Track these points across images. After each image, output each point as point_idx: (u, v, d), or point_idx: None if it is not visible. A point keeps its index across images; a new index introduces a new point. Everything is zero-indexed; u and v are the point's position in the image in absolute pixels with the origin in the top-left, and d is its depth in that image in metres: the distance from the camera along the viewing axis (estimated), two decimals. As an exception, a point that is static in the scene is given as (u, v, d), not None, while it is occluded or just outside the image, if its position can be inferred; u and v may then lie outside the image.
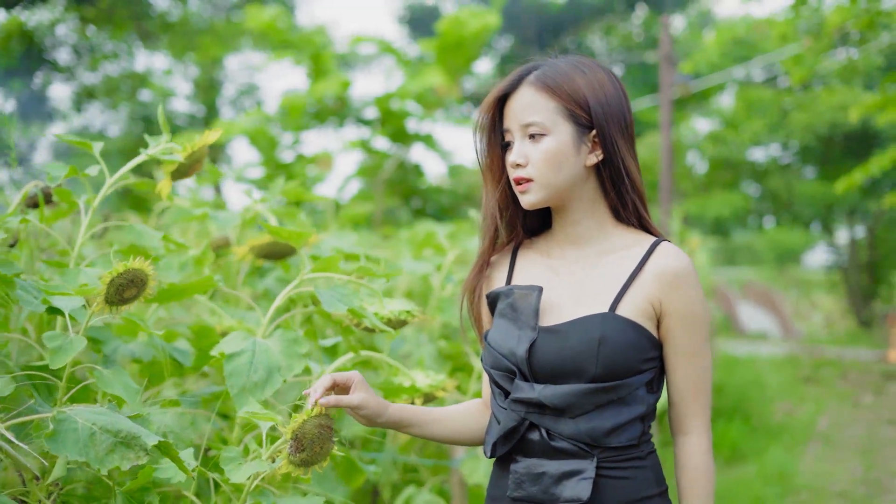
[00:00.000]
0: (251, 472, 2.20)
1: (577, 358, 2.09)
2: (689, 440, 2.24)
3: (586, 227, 2.27)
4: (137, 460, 1.95)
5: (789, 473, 7.90)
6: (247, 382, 2.47)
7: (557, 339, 2.12)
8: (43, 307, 2.45)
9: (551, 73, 2.23)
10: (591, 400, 2.10)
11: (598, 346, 2.09)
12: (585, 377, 2.09)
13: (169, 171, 2.89)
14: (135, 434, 1.94)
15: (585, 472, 2.09)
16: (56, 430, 1.90)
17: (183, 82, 24.01)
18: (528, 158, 2.20)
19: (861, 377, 14.37)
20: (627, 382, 2.12)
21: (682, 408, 2.24)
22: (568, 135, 2.20)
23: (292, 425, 2.15)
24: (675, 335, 2.19)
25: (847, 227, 25.51)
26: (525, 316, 2.17)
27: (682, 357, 2.21)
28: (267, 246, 3.73)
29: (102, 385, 2.32)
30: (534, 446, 2.15)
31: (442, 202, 14.34)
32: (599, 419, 2.10)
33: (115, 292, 2.31)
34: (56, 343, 2.31)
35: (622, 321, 2.14)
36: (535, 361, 2.14)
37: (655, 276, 2.18)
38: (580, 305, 2.18)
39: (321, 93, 13.34)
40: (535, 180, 2.20)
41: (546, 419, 2.12)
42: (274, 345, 2.59)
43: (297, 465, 2.17)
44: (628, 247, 2.25)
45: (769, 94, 21.59)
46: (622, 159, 2.25)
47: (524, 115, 2.21)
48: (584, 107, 2.21)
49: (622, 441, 2.13)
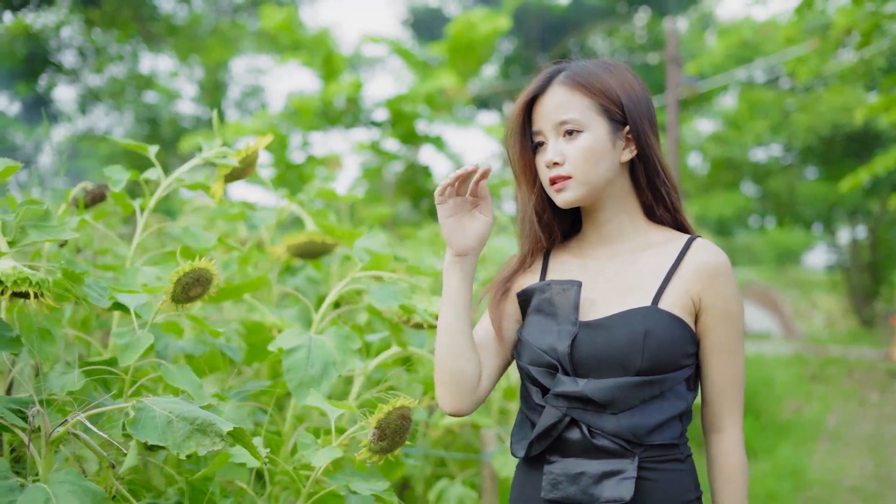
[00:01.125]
0: (328, 457, 2.30)
1: (621, 351, 2.07)
2: (725, 437, 2.21)
3: (619, 224, 2.26)
4: (213, 446, 2.03)
5: (801, 469, 8.00)
6: (304, 376, 2.58)
7: (600, 334, 2.10)
8: (108, 303, 2.55)
9: (581, 72, 2.22)
10: (635, 394, 2.07)
11: (644, 338, 2.07)
12: (630, 370, 2.07)
13: (223, 174, 2.99)
14: (210, 421, 2.03)
15: (626, 471, 2.05)
16: (136, 418, 1.99)
17: (188, 84, 24.10)
18: (565, 156, 2.17)
19: (866, 375, 14.49)
20: (670, 377, 2.10)
21: (717, 405, 2.21)
22: (603, 130, 2.18)
23: (378, 415, 2.26)
24: (713, 331, 2.17)
25: (849, 227, 25.61)
26: (564, 311, 2.14)
27: (718, 353, 2.18)
28: (303, 245, 3.83)
29: (168, 379, 2.42)
30: (572, 445, 2.10)
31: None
32: (642, 415, 2.07)
33: (182, 290, 2.42)
34: (125, 340, 2.41)
35: (665, 315, 2.11)
36: (577, 356, 2.10)
37: (694, 271, 2.16)
38: (620, 300, 2.15)
39: (334, 94, 13.45)
40: (573, 177, 2.17)
41: (588, 415, 2.08)
42: (328, 340, 2.69)
43: (377, 452, 2.29)
44: (663, 243, 2.24)
45: (771, 96, 21.69)
46: (656, 154, 2.25)
47: (558, 113, 2.19)
48: (617, 103, 2.21)
49: (664, 439, 2.09)
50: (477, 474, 4.42)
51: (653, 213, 2.29)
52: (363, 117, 14.51)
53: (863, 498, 7.26)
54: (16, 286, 2.17)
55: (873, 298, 24.02)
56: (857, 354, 17.16)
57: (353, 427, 2.32)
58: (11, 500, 1.86)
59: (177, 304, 2.44)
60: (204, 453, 2.03)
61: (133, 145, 3.03)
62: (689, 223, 2.31)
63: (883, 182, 19.82)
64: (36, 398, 2.13)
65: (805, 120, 20.47)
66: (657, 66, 22.48)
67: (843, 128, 19.89)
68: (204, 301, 2.53)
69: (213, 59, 21.77)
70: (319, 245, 3.83)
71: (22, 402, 2.24)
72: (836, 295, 27.52)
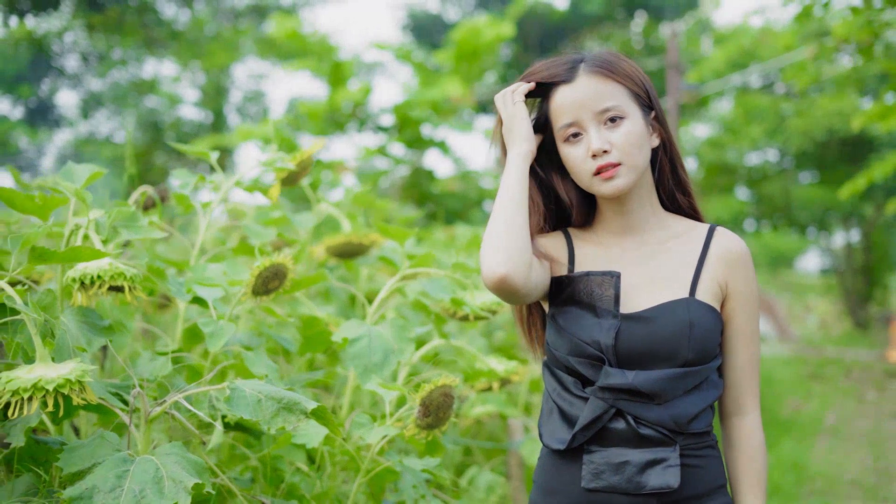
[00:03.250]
0: (381, 434, 2.53)
1: (668, 343, 2.08)
2: (746, 420, 2.24)
3: (644, 214, 2.25)
4: (298, 422, 2.25)
5: (803, 463, 8.24)
6: (368, 363, 2.80)
7: (643, 326, 2.10)
8: (188, 296, 2.78)
9: (605, 61, 2.20)
10: (680, 385, 2.09)
11: (690, 330, 2.09)
12: (677, 361, 2.09)
13: (280, 177, 3.22)
14: (296, 400, 2.24)
15: (670, 459, 2.07)
16: (231, 397, 2.21)
17: (190, 89, 24.28)
18: (612, 143, 2.14)
19: (864, 375, 14.73)
20: (710, 366, 2.14)
21: (739, 389, 2.23)
22: (640, 116, 2.18)
23: (421, 393, 2.49)
24: (737, 316, 2.21)
25: (843, 231, 25.83)
26: (604, 303, 2.12)
27: (742, 338, 2.22)
28: (341, 246, 4.06)
29: (249, 365, 2.65)
30: (616, 435, 2.10)
31: (454, 206, 14.64)
32: (684, 405, 2.09)
33: (262, 284, 2.65)
34: (210, 329, 2.65)
35: (704, 305, 2.14)
36: (620, 348, 2.10)
37: (720, 258, 2.19)
38: (657, 291, 2.16)
39: (342, 100, 13.67)
40: (623, 163, 2.14)
41: (634, 405, 2.08)
42: (386, 331, 2.92)
43: (423, 428, 2.52)
44: (686, 232, 2.26)
45: (767, 101, 21.91)
46: (673, 139, 2.29)
47: (597, 101, 2.15)
48: (643, 89, 2.22)
49: (702, 427, 2.13)
50: (502, 463, 4.64)
51: (672, 199, 2.31)
52: (370, 122, 14.73)
53: (863, 490, 7.49)
54: (113, 280, 2.41)
55: (867, 301, 24.24)
56: (853, 355, 17.41)
57: (403, 407, 2.55)
58: (125, 469, 2.06)
59: (256, 296, 2.67)
60: (291, 428, 2.26)
61: (196, 151, 3.25)
62: (700, 210, 2.34)
63: (877, 187, 20.04)
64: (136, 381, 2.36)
65: (800, 125, 20.66)
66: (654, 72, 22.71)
67: (837, 133, 20.09)
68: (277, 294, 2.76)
69: (214, 65, 21.95)
70: (356, 246, 4.05)
71: (117, 386, 2.47)
72: (829, 298, 27.73)
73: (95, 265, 2.40)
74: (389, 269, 4.64)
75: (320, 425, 2.49)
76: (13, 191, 2.48)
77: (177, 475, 2.07)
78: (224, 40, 22.30)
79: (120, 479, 2.04)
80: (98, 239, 2.53)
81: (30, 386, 1.98)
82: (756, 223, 29.23)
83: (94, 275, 2.38)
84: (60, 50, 23.68)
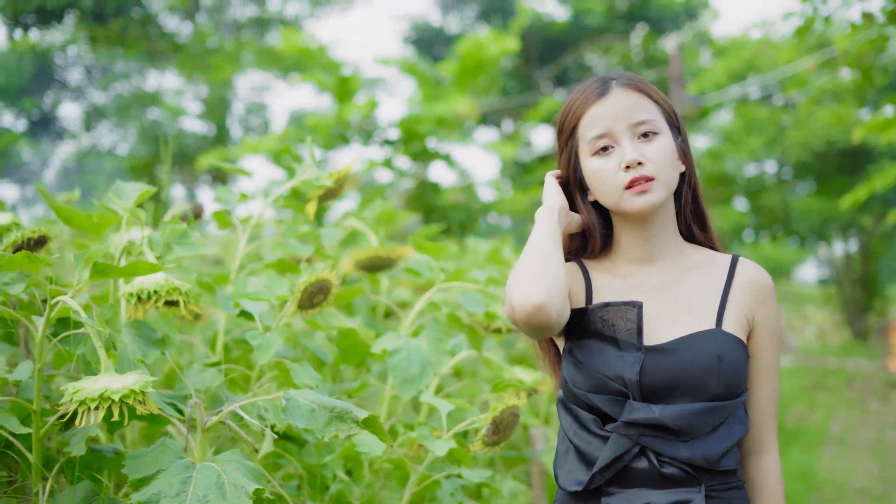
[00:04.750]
0: (446, 447, 2.63)
1: (697, 376, 2.00)
2: (767, 460, 2.16)
3: (664, 242, 2.17)
4: (349, 431, 2.35)
5: (810, 472, 8.35)
6: (406, 375, 2.91)
7: (669, 358, 2.02)
8: (236, 310, 2.89)
9: (638, 79, 2.17)
10: (709, 420, 2.00)
11: (718, 363, 2.01)
12: (704, 395, 2.00)
13: (317, 194, 3.32)
14: (347, 409, 2.34)
15: (694, 500, 1.98)
16: (287, 407, 2.31)
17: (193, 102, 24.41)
18: (646, 157, 2.07)
19: (866, 385, 14.83)
20: (737, 401, 2.06)
21: (760, 426, 2.15)
22: (671, 136, 2.13)
23: (492, 412, 2.59)
24: (762, 350, 2.14)
25: (842, 241, 25.92)
26: (626, 335, 2.04)
27: (765, 372, 2.15)
28: (368, 260, 4.16)
29: (294, 376, 2.74)
30: (637, 475, 2.01)
31: (459, 218, 14.77)
32: (713, 441, 2.01)
33: (308, 298, 2.76)
34: (258, 341, 2.75)
35: (731, 337, 2.06)
36: (645, 382, 2.01)
37: (746, 290, 2.13)
38: (681, 322, 2.08)
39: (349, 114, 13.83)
40: (656, 178, 2.07)
41: (658, 442, 1.99)
42: (423, 343, 3.02)
43: (489, 444, 2.62)
44: (707, 262, 2.19)
45: (766, 112, 22.03)
46: (695, 171, 2.23)
47: (632, 114, 2.10)
48: (674, 113, 2.18)
49: (729, 464, 2.04)
50: (523, 472, 4.74)
51: (689, 231, 2.24)
52: (376, 136, 14.88)
53: (871, 498, 7.60)
54: (168, 295, 2.52)
55: (866, 312, 24.32)
56: (854, 366, 17.50)
57: (465, 422, 2.65)
58: (188, 475, 2.16)
59: (302, 310, 2.78)
60: (343, 437, 2.36)
61: (237, 170, 3.36)
62: (720, 243, 2.27)
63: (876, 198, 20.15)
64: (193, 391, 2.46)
65: (799, 136, 20.77)
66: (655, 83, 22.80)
67: (836, 144, 20.19)
68: (321, 308, 2.86)
69: (217, 77, 22.10)
70: (384, 259, 4.15)
71: (171, 396, 2.58)
72: (828, 308, 27.79)
73: (152, 280, 2.50)
74: (412, 282, 4.75)
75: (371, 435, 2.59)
76: (71, 209, 2.59)
77: (238, 481, 2.16)
78: (226, 53, 22.44)
79: (184, 484, 2.13)
80: (152, 255, 2.64)
81: (97, 396, 2.07)
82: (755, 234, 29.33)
83: (150, 290, 2.48)
84: (63, 62, 23.81)
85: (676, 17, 27.29)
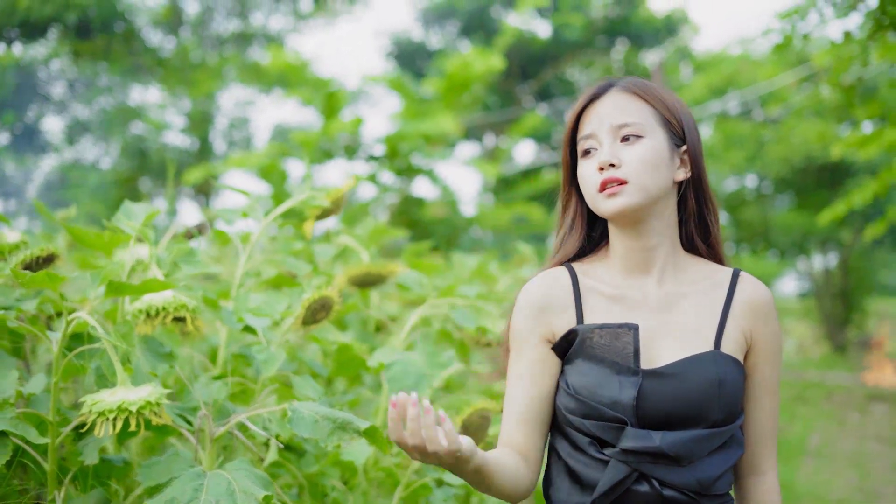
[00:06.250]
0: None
1: (697, 403, 1.95)
2: (766, 480, 2.13)
3: (661, 253, 2.09)
4: (351, 440, 2.47)
5: (790, 484, 8.47)
6: (402, 387, 3.02)
7: (668, 383, 1.97)
8: (240, 325, 3.00)
9: (641, 83, 2.11)
10: (707, 446, 1.96)
11: (719, 388, 1.96)
12: (706, 422, 1.96)
13: (314, 214, 3.44)
14: (349, 420, 2.45)
15: None
16: (292, 417, 2.42)
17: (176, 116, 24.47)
18: (621, 160, 2.01)
19: (845, 398, 14.97)
20: (735, 425, 2.02)
21: (759, 446, 2.12)
22: (664, 141, 2.06)
23: (461, 415, 2.72)
24: (761, 369, 2.09)
25: (821, 255, 26.10)
26: (622, 358, 1.97)
27: (765, 392, 2.10)
28: (361, 276, 4.28)
29: (298, 388, 2.86)
30: (637, 498, 1.96)
31: (443, 233, 14.89)
32: (710, 465, 1.97)
33: (311, 315, 2.88)
34: (263, 356, 2.87)
35: (730, 360, 2.02)
36: (643, 408, 1.95)
37: (746, 308, 2.07)
38: (679, 343, 2.02)
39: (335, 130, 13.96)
40: (629, 181, 2.01)
41: (658, 468, 1.94)
42: (418, 357, 3.14)
43: None
44: (708, 277, 2.12)
45: (747, 127, 22.21)
46: (707, 181, 2.15)
47: (617, 116, 2.05)
48: (678, 118, 2.10)
49: (723, 488, 2.01)
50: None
51: (690, 242, 2.17)
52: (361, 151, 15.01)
53: (850, 509, 7.77)
54: (176, 311, 2.63)
55: (845, 325, 24.50)
56: (833, 379, 17.68)
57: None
58: (200, 483, 2.27)
59: (305, 325, 2.89)
60: (346, 446, 2.48)
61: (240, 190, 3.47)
62: (725, 256, 2.20)
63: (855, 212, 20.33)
64: (202, 404, 2.58)
65: (779, 151, 20.93)
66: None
67: (815, 159, 20.35)
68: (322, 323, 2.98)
69: (200, 92, 22.18)
70: (375, 276, 4.28)
71: (180, 408, 2.69)
72: (808, 322, 27.95)
73: (160, 297, 2.61)
74: (401, 297, 4.87)
75: (368, 444, 2.71)
76: (82, 229, 2.71)
77: (247, 488, 2.27)
78: (209, 68, 22.52)
79: (196, 491, 2.24)
80: (160, 273, 2.75)
81: (115, 407, 2.18)
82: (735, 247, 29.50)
83: (160, 306, 2.59)
84: (47, 76, 23.83)
85: (657, 33, 27.48)
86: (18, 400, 2.54)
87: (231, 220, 3.33)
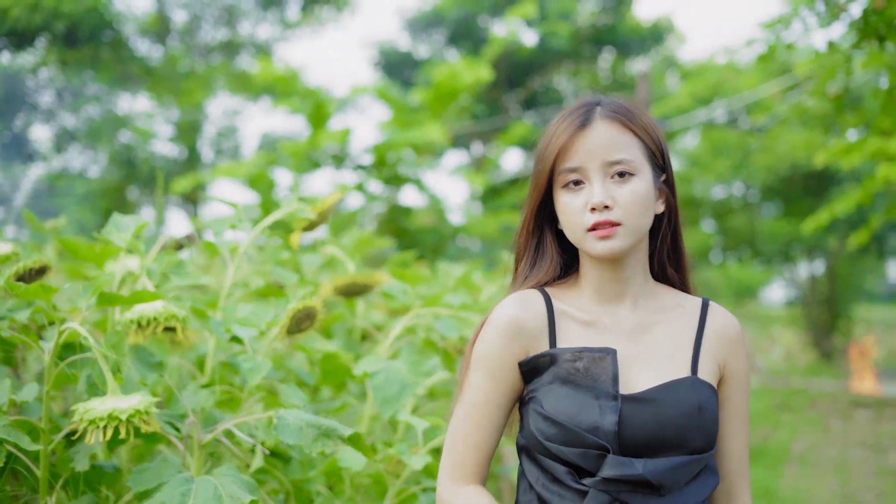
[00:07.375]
0: (422, 462, 2.82)
1: (679, 428, 1.92)
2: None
3: (636, 283, 2.06)
4: (335, 447, 2.54)
5: (773, 490, 8.57)
6: (386, 395, 3.09)
7: (648, 408, 1.92)
8: (227, 335, 3.07)
9: (624, 110, 2.03)
10: (687, 473, 1.93)
11: (699, 413, 1.93)
12: (686, 448, 1.92)
13: (301, 226, 3.51)
14: (333, 427, 2.52)
15: None
16: (278, 424, 2.49)
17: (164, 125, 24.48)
18: (615, 200, 1.95)
19: (829, 405, 15.10)
20: (711, 452, 1.99)
21: (733, 476, 2.10)
22: (650, 178, 2.01)
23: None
24: (733, 399, 2.08)
25: (807, 262, 26.20)
26: (601, 383, 1.93)
27: (737, 421, 2.09)
28: (347, 286, 4.35)
29: (284, 397, 2.92)
30: None
31: (429, 242, 14.94)
32: (687, 495, 1.93)
33: (296, 324, 2.95)
34: (249, 364, 2.93)
35: (708, 386, 2.00)
36: (624, 434, 1.90)
37: (718, 338, 2.06)
38: (655, 369, 1.99)
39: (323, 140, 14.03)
40: (623, 224, 1.95)
41: (638, 497, 1.88)
42: (402, 365, 3.21)
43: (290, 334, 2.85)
44: (679, 305, 2.10)
45: (733, 136, 22.31)
46: (679, 210, 2.12)
47: (610, 152, 1.97)
48: (659, 148, 2.05)
49: None
50: (492, 488, 4.91)
51: (663, 271, 2.15)
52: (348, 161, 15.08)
53: (831, 515, 7.86)
54: (167, 321, 2.70)
55: (831, 332, 24.60)
56: (818, 386, 17.79)
57: (436, 439, 2.85)
58: (188, 488, 2.34)
59: (290, 335, 2.96)
60: (330, 452, 2.55)
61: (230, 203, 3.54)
62: (693, 285, 2.18)
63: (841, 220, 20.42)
64: (191, 411, 2.64)
65: (765, 160, 21.02)
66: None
67: (801, 168, 20.45)
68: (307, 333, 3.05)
69: (188, 101, 22.20)
70: (361, 285, 4.34)
71: (168, 415, 2.76)
72: (794, 329, 28.03)
73: (151, 308, 2.67)
74: (386, 306, 4.94)
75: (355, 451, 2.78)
76: (75, 241, 2.78)
77: (234, 493, 2.33)
78: (197, 77, 22.55)
79: (185, 496, 2.31)
80: (150, 284, 2.82)
81: (105, 415, 2.25)
82: (722, 255, 29.58)
83: (150, 316, 2.66)
84: (34, 85, 23.81)
85: (643, 42, 27.57)
86: (11, 408, 2.59)
87: (219, 231, 3.39)
